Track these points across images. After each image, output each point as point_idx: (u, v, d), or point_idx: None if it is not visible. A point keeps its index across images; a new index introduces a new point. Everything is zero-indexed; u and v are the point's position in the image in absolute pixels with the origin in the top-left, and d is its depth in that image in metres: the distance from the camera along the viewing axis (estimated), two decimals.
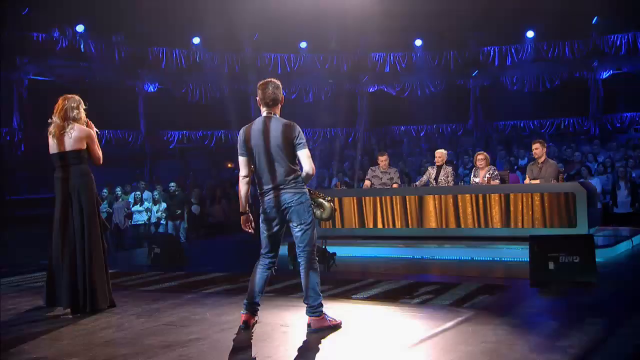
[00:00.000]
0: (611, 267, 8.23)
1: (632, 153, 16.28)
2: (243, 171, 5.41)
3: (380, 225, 11.48)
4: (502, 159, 17.28)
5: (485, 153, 11.61)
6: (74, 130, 6.37)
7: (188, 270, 8.99)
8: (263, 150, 5.24)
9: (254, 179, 5.41)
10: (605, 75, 22.17)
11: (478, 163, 11.33)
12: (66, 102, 6.46)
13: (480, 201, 10.66)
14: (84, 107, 6.57)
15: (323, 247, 9.25)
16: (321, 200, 5.46)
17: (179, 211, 15.40)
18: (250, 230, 5.48)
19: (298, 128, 5.27)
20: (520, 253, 9.57)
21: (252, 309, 5.42)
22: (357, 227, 11.55)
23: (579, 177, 14.18)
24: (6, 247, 14.19)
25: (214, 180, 18.48)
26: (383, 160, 12.17)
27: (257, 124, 5.37)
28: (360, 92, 24.02)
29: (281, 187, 5.22)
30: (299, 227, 5.27)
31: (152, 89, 21.78)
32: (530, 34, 22.38)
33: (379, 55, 23.34)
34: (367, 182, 12.14)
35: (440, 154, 11.65)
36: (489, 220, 10.59)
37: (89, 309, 6.21)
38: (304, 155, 5.23)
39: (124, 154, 20.81)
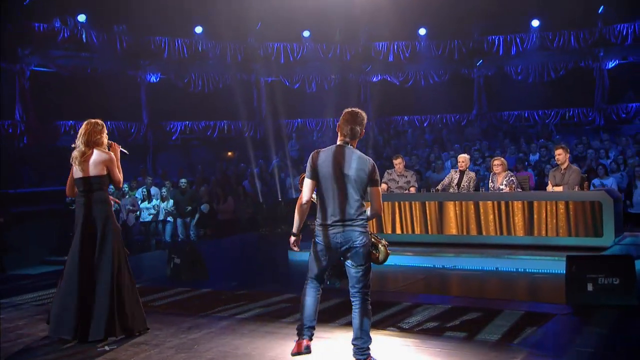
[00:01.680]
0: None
1: None
2: (306, 195, 5.19)
3: (398, 231, 11.33)
4: (512, 155, 17.11)
5: (502, 158, 11.44)
6: (94, 155, 6.31)
7: (211, 286, 8.80)
8: (335, 181, 5.06)
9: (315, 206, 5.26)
10: (611, 65, 22.01)
11: (495, 168, 11.17)
12: (89, 126, 6.36)
13: (503, 208, 10.51)
14: (106, 131, 6.45)
15: None
16: (377, 243, 5.28)
17: (189, 208, 15.16)
18: (296, 249, 5.41)
19: (374, 164, 5.12)
20: (545, 265, 9.50)
21: (309, 334, 5.37)
22: (374, 232, 11.33)
23: (593, 175, 14.03)
24: (12, 247, 14.04)
25: (219, 174, 18.21)
26: (398, 163, 12.00)
27: (333, 151, 5.14)
28: (363, 82, 23.77)
29: (348, 222, 5.05)
30: (359, 267, 5.12)
31: (155, 79, 21.50)
32: (535, 23, 22.16)
33: (382, 45, 23.10)
34: (383, 186, 11.95)
35: (464, 158, 11.47)
36: (512, 228, 10.44)
37: (104, 335, 6.09)
38: (377, 193, 5.11)
39: (127, 145, 20.47)
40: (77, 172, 6.33)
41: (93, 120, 6.44)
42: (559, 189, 10.46)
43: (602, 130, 21.21)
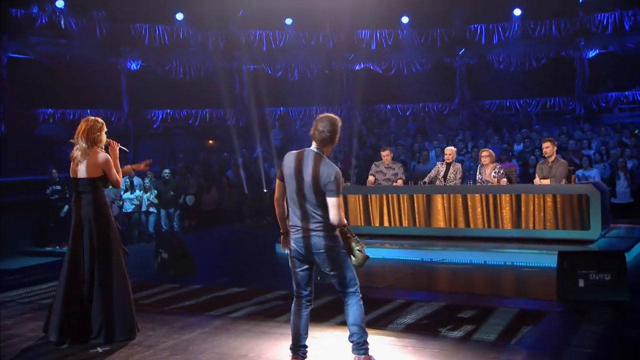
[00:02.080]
0: (634, 276, 7.98)
1: (628, 141, 16.26)
2: (277, 193, 5.16)
3: (386, 224, 11.31)
4: (496, 145, 17.14)
5: (490, 150, 11.47)
6: (90, 156, 6.17)
7: (200, 282, 8.71)
8: (298, 185, 4.92)
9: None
10: (591, 54, 22.13)
11: (483, 160, 11.18)
12: (88, 123, 6.23)
13: (491, 201, 10.51)
14: (106, 130, 6.31)
15: None
16: (353, 245, 5.09)
17: (172, 193, 14.93)
18: (287, 251, 5.23)
19: (335, 174, 4.85)
20: (532, 258, 9.55)
21: (302, 353, 5.21)
22: (362, 225, 11.34)
23: (575, 167, 14.09)
24: None
25: (203, 165, 18.02)
26: (386, 155, 11.95)
27: (301, 156, 5.00)
28: (346, 70, 23.67)
29: (311, 229, 4.93)
30: (332, 272, 5.04)
31: (135, 67, 21.17)
32: (517, 12, 22.19)
33: (365, 33, 23.00)
34: (371, 178, 11.93)
35: (450, 151, 11.47)
36: (500, 221, 10.46)
37: (104, 340, 6.02)
38: (332, 204, 4.85)
39: (107, 134, 20.17)
40: (72, 171, 6.21)
41: (92, 118, 6.30)
42: (547, 181, 10.50)
43: (583, 119, 21.40)
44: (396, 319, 6.56)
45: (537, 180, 10.74)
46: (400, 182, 11.73)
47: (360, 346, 5.11)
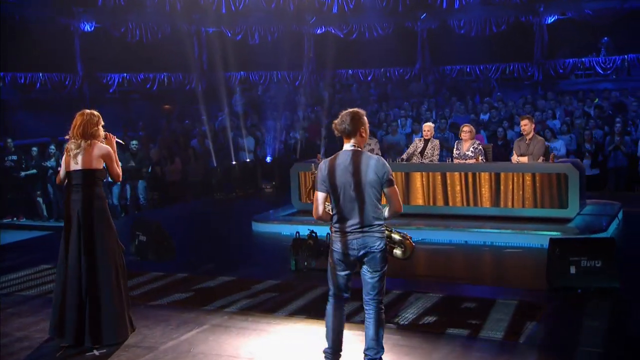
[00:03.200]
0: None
1: (592, 111, 16.45)
2: (319, 209, 4.93)
3: None
4: (462, 114, 17.14)
5: (470, 125, 11.37)
6: (91, 147, 5.85)
7: (184, 269, 8.46)
8: (351, 188, 4.81)
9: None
10: (550, 20, 22.22)
11: (462, 135, 11.10)
12: (84, 117, 5.90)
13: (470, 179, 10.49)
14: (102, 123, 5.97)
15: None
16: (401, 238, 5.13)
17: (133, 164, 14.42)
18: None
19: (387, 164, 4.88)
20: (510, 238, 9.67)
21: (338, 357, 5.11)
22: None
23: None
24: None
25: (166, 133, 17.52)
26: None
27: (343, 158, 4.87)
28: (307, 34, 23.23)
29: (367, 228, 4.83)
30: (375, 273, 4.91)
31: (89, 28, 20.34)
32: None
33: None
34: None
35: (429, 127, 11.36)
36: (479, 199, 10.46)
37: (93, 341, 5.75)
38: (394, 192, 4.87)
39: (61, 99, 19.53)
40: (68, 164, 5.87)
41: (88, 111, 5.98)
42: (524, 159, 10.51)
43: (541, 85, 21.61)
44: (397, 313, 6.45)
45: (514, 158, 10.74)
46: None
47: None
